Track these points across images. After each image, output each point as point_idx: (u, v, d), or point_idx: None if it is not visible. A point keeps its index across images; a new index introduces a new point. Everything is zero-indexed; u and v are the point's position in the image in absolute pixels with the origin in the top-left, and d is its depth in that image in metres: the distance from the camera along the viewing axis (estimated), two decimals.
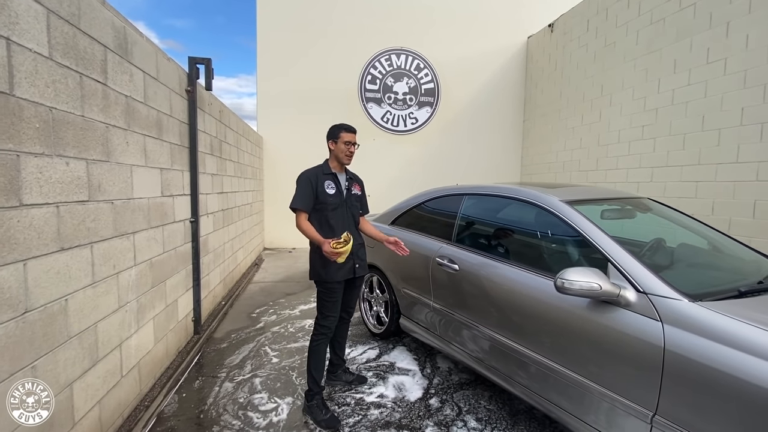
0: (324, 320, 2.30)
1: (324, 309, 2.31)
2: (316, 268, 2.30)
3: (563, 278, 1.59)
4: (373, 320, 3.35)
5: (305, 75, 7.51)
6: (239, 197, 5.21)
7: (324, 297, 2.30)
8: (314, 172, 2.30)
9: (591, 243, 1.79)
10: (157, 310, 2.61)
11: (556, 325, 1.80)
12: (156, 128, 2.60)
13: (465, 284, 2.32)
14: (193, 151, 3.21)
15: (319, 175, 2.29)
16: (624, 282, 1.61)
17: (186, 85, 3.16)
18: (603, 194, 2.43)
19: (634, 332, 1.52)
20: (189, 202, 3.20)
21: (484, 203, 2.56)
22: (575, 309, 1.72)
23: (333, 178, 2.33)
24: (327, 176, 2.31)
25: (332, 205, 2.28)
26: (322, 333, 2.30)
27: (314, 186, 2.25)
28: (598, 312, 1.64)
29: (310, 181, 2.25)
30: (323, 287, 2.30)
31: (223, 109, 4.36)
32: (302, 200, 2.22)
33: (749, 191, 4.07)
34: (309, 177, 2.27)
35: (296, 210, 2.24)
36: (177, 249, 2.95)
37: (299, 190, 2.24)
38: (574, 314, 1.72)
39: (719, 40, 4.36)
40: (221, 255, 4.29)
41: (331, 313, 2.31)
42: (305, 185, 2.24)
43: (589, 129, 6.42)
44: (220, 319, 3.74)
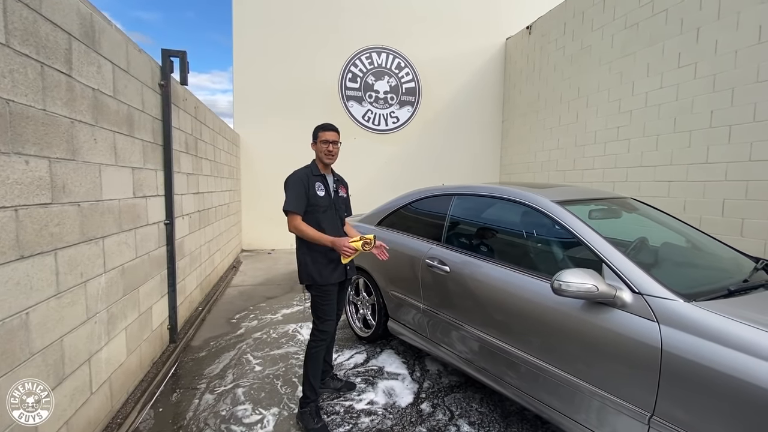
0: (323, 325, 2.22)
1: (322, 313, 2.23)
2: (308, 272, 2.21)
3: (560, 280, 1.57)
4: (359, 324, 3.28)
5: (284, 71, 7.32)
6: (216, 197, 5.01)
7: (320, 301, 2.22)
8: (305, 173, 2.21)
9: (585, 244, 1.79)
10: (130, 319, 2.44)
11: (550, 326, 1.79)
12: (127, 124, 2.43)
13: (456, 286, 2.28)
14: (168, 149, 3.03)
15: (310, 177, 2.21)
16: (619, 283, 1.60)
17: (159, 79, 2.98)
18: (590, 194, 2.45)
19: (631, 333, 1.51)
20: (163, 203, 3.02)
21: (473, 204, 2.53)
22: (570, 310, 1.71)
23: (322, 180, 2.25)
24: (317, 178, 2.23)
25: (323, 207, 2.20)
26: (321, 339, 2.22)
27: (306, 187, 2.16)
28: (593, 313, 1.63)
29: (302, 182, 2.16)
30: (319, 291, 2.21)
31: (198, 105, 4.16)
32: (296, 202, 2.13)
33: (718, 191, 4.25)
34: (301, 178, 2.17)
35: (290, 213, 2.13)
36: (151, 253, 2.77)
37: (292, 192, 2.14)
38: (569, 315, 1.70)
39: (690, 45, 4.54)
40: (198, 258, 4.09)
41: (329, 316, 2.23)
42: (298, 186, 2.15)
43: (567, 130, 6.57)
44: (198, 325, 3.56)
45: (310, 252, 2.20)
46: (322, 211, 2.21)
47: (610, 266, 1.65)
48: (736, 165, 4.09)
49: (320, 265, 2.19)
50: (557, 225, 1.94)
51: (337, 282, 2.25)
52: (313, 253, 2.20)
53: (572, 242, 1.89)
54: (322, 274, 2.18)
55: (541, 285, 1.85)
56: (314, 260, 2.20)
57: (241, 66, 7.20)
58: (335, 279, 2.23)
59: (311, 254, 2.20)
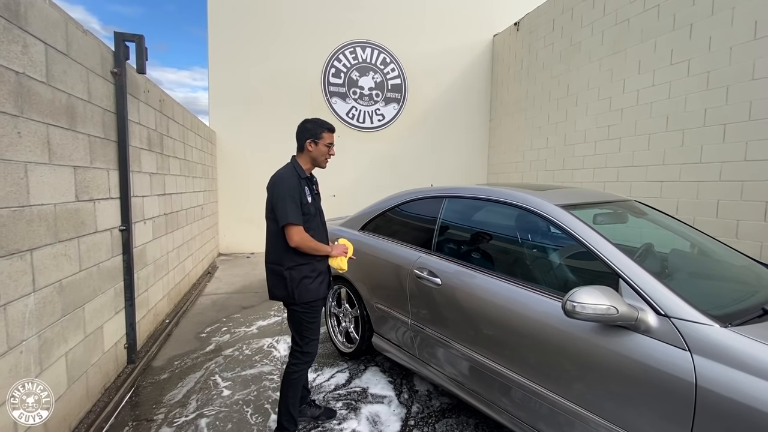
0: (308, 346, 1.97)
1: (307, 332, 1.97)
2: (295, 290, 1.92)
3: (574, 301, 1.33)
4: (341, 338, 3.00)
5: (263, 66, 6.95)
6: (187, 199, 4.64)
7: (307, 319, 1.96)
8: (295, 177, 1.93)
9: (597, 255, 1.55)
10: (72, 343, 2.09)
11: (557, 350, 1.55)
12: (67, 116, 2.08)
13: (447, 300, 2.03)
14: (123, 145, 2.69)
15: (300, 181, 1.93)
16: (641, 303, 1.37)
17: (112, 66, 2.63)
18: (593, 197, 2.23)
19: (656, 363, 1.28)
20: (118, 206, 2.68)
21: (466, 207, 2.28)
22: (581, 333, 1.47)
23: (308, 184, 1.99)
24: (304, 181, 1.96)
25: (312, 215, 1.95)
26: (305, 362, 1.97)
27: (300, 193, 1.90)
28: (609, 338, 1.40)
29: (297, 189, 1.89)
30: (306, 308, 1.94)
31: (164, 99, 3.80)
32: (298, 213, 1.87)
33: (712, 191, 4.13)
34: (296, 185, 1.90)
35: (292, 225, 1.85)
36: (101, 264, 2.43)
37: (290, 201, 1.85)
38: (580, 339, 1.47)
39: (683, 41, 4.41)
40: (164, 266, 3.73)
41: (314, 336, 2.00)
42: (296, 194, 1.88)
43: (556, 128, 6.42)
44: (163, 342, 3.21)
45: (298, 266, 1.92)
46: (311, 219, 1.95)
47: (629, 283, 1.42)
48: (731, 165, 3.97)
49: (307, 279, 1.93)
50: (563, 232, 1.70)
51: (324, 296, 2.00)
52: (302, 267, 1.93)
53: (581, 253, 1.66)
54: (307, 290, 1.93)
55: (545, 302, 1.62)
56: (299, 274, 1.92)
57: (217, 60, 6.80)
58: (323, 293, 1.99)
59: (299, 268, 1.92)
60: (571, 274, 1.77)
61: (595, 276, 1.65)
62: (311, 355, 1.99)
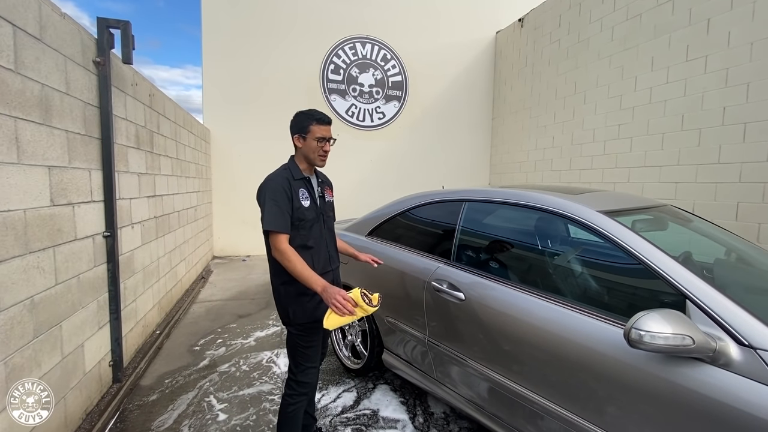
0: (303, 375, 1.71)
1: (302, 359, 1.71)
2: (284, 305, 1.70)
3: (640, 329, 1.12)
4: (347, 352, 2.77)
5: (260, 61, 6.69)
6: (179, 200, 4.38)
7: (301, 343, 1.70)
8: (284, 178, 1.67)
9: (657, 272, 1.34)
10: (47, 366, 1.85)
11: (612, 383, 1.33)
12: (40, 109, 1.83)
13: (473, 319, 1.81)
14: (107, 143, 2.44)
15: (291, 182, 1.67)
16: (717, 331, 1.17)
17: (94, 55, 2.37)
18: (629, 202, 2.02)
19: (741, 404, 1.08)
20: (102, 210, 2.43)
21: (490, 212, 2.07)
22: (642, 364, 1.26)
23: (306, 185, 1.73)
24: (299, 183, 1.70)
25: (309, 221, 1.68)
26: (301, 393, 1.71)
27: (289, 197, 1.63)
28: (678, 371, 1.19)
29: (284, 191, 1.62)
30: (300, 330, 1.70)
31: (155, 93, 3.54)
32: (280, 218, 1.59)
33: (732, 193, 3.96)
34: (282, 186, 1.64)
35: (273, 233, 1.59)
36: (82, 276, 2.18)
37: (272, 205, 1.59)
38: (642, 371, 1.26)
39: (699, 37, 4.24)
40: (154, 273, 3.48)
41: (312, 363, 1.73)
42: (280, 196, 1.61)
43: (562, 127, 6.23)
44: (152, 356, 2.96)
45: (290, 280, 1.68)
46: (309, 227, 1.69)
47: (701, 307, 1.21)
48: (752, 166, 3.80)
49: (303, 296, 1.68)
50: (612, 245, 1.49)
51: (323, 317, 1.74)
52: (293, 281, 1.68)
53: (639, 270, 1.44)
54: (303, 309, 1.67)
55: (595, 325, 1.40)
56: (295, 291, 1.68)
57: (211, 54, 6.52)
58: (321, 314, 1.71)
59: (291, 283, 1.68)
60: (624, 293, 1.56)
61: (649, 296, 1.45)
62: (308, 385, 1.72)
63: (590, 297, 1.62)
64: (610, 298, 1.60)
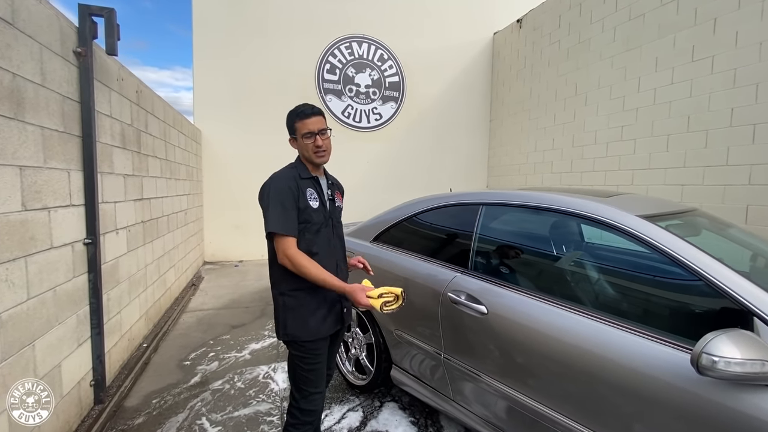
0: (307, 402, 1.52)
1: (304, 383, 1.52)
2: (285, 321, 1.51)
3: (712, 354, 0.96)
4: (350, 367, 2.58)
5: (253, 59, 6.48)
6: (169, 203, 4.15)
7: (302, 365, 1.52)
8: (291, 177, 1.51)
9: (717, 286, 1.19)
10: (18, 393, 1.63)
11: (674, 414, 1.17)
12: (10, 102, 1.63)
13: (500, 337, 1.63)
14: (89, 141, 2.22)
15: (298, 181, 1.50)
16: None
17: (75, 45, 2.16)
18: (659, 206, 1.88)
19: None
20: (83, 215, 2.21)
21: (511, 217, 1.91)
22: (710, 392, 1.10)
23: (314, 185, 1.56)
24: (307, 182, 1.53)
25: (316, 224, 1.51)
26: (305, 422, 1.52)
27: (295, 196, 1.47)
28: (748, 398, 1.03)
29: (290, 190, 1.46)
30: (300, 350, 1.51)
31: (142, 90, 3.32)
32: (286, 220, 1.42)
33: (741, 195, 3.88)
34: (288, 185, 1.47)
35: (278, 236, 1.42)
36: (59, 288, 1.96)
37: (277, 205, 1.43)
38: (711, 402, 1.10)
39: (706, 37, 4.16)
40: (141, 282, 3.25)
41: (316, 388, 1.53)
42: (286, 196, 1.45)
43: (563, 129, 6.14)
44: (139, 373, 2.74)
45: (294, 291, 1.50)
46: (315, 231, 1.51)
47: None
48: (762, 168, 3.72)
49: (305, 309, 1.50)
50: (660, 254, 1.33)
51: (329, 335, 1.56)
52: (298, 293, 1.51)
53: (687, 281, 1.29)
54: (307, 327, 1.49)
55: (651, 348, 1.25)
56: (296, 303, 1.50)
57: (202, 51, 6.30)
58: (326, 331, 1.54)
59: (296, 295, 1.51)
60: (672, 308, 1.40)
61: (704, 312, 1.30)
62: (313, 413, 1.53)
63: (632, 311, 1.47)
64: (655, 312, 1.45)
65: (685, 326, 1.35)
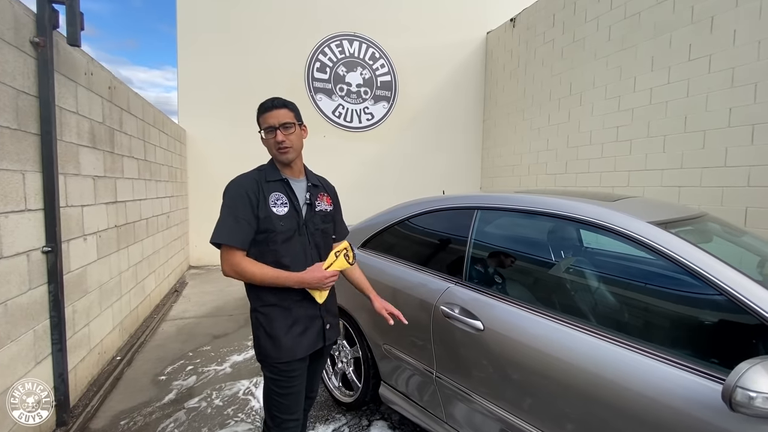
0: (280, 430, 1.37)
1: (278, 409, 1.37)
2: (260, 342, 1.37)
3: (750, 389, 0.82)
4: (336, 382, 2.41)
5: (241, 57, 6.28)
6: (148, 206, 3.94)
7: (275, 389, 1.37)
8: (251, 180, 1.36)
9: (741, 302, 1.05)
10: None
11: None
12: None
13: (499, 357, 1.48)
14: (49, 139, 2.03)
15: (260, 184, 1.35)
16: None
17: (33, 35, 1.97)
18: (669, 211, 1.75)
19: None
20: (41, 220, 2.02)
21: (510, 223, 1.76)
22: (730, 425, 0.96)
23: (283, 188, 1.39)
24: (273, 185, 1.37)
25: (284, 233, 1.34)
26: None
27: (253, 204, 1.31)
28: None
29: (245, 195, 1.32)
30: (274, 372, 1.37)
31: (116, 86, 3.13)
32: (232, 229, 1.29)
33: (740, 197, 3.79)
34: (246, 190, 1.33)
35: (223, 246, 1.30)
36: (10, 302, 1.77)
37: (226, 214, 1.31)
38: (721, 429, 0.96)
39: (703, 35, 4.08)
40: (116, 290, 3.05)
41: (290, 415, 1.38)
42: (241, 203, 1.31)
43: (557, 130, 6.04)
44: (109, 389, 2.54)
45: (265, 308, 1.35)
46: (284, 240, 1.34)
47: None
48: (761, 169, 3.64)
49: (277, 327, 1.34)
50: (676, 265, 1.20)
51: (307, 355, 1.40)
52: (268, 308, 1.35)
53: (704, 295, 1.16)
54: (279, 345, 1.33)
55: (663, 370, 1.10)
56: (267, 320, 1.35)
57: (187, 48, 6.09)
58: (303, 351, 1.38)
59: (267, 311, 1.35)
60: (691, 328, 1.26)
61: (723, 328, 1.16)
62: None
63: (647, 330, 1.33)
64: (685, 336, 1.31)
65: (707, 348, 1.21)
